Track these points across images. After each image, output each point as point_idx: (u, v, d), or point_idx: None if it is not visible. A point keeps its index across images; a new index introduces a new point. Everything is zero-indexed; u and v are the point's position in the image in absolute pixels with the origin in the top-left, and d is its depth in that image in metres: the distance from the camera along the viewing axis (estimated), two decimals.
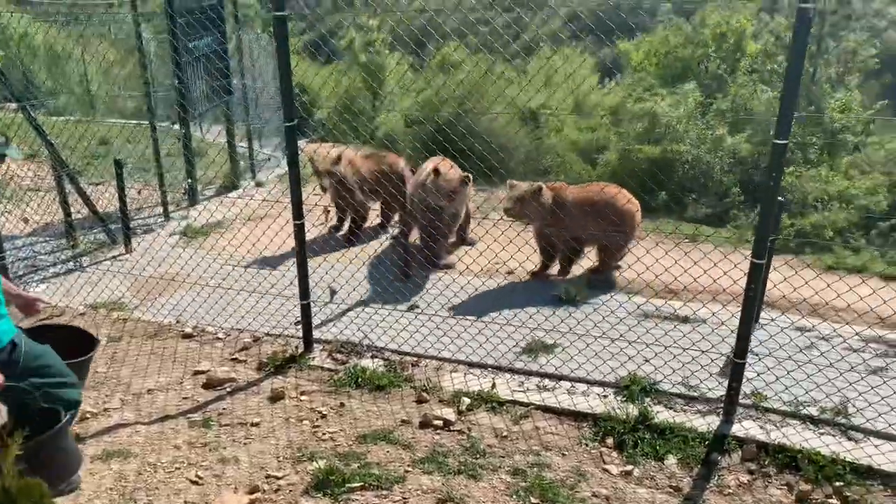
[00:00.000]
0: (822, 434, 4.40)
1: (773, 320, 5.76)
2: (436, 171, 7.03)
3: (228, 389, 5.30)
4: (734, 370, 4.43)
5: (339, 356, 5.68)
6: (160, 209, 9.26)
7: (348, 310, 6.36)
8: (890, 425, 4.34)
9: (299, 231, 5.41)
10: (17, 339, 3.47)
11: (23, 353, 3.42)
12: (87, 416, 4.90)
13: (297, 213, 5.37)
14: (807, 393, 4.74)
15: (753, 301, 4.25)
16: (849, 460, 4.13)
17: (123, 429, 4.71)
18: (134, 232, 8.27)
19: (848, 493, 3.96)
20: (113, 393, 5.27)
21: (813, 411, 4.61)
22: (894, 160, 12.67)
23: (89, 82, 15.00)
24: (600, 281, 6.93)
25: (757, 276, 4.19)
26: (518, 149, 14.83)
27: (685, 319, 5.94)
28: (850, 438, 4.34)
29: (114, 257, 7.82)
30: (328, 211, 8.78)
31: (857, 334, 5.41)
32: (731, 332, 5.61)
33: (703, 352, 5.10)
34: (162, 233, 8.57)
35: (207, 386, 5.36)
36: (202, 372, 5.53)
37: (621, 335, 5.47)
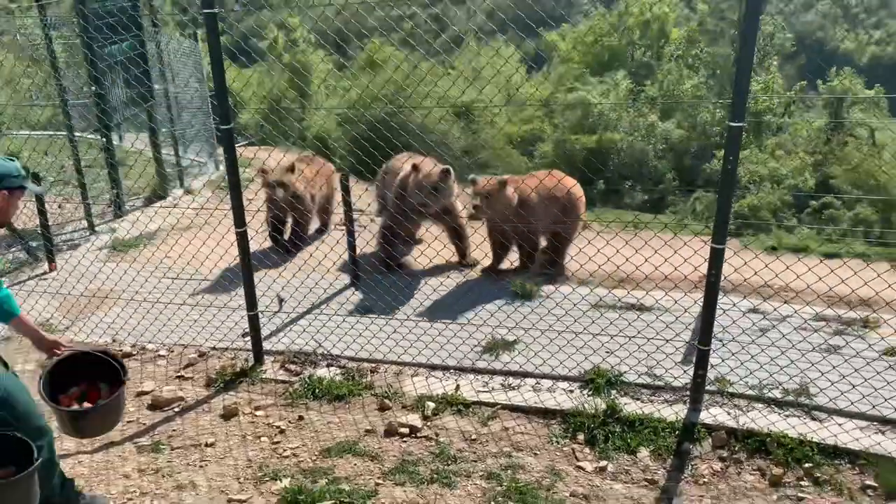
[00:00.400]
0: (787, 416, 4.44)
1: (733, 305, 5.80)
2: (414, 168, 6.75)
3: (177, 409, 4.98)
4: (699, 357, 4.42)
5: (292, 367, 5.43)
6: (84, 223, 8.71)
7: (298, 318, 6.09)
8: (851, 403, 4.41)
9: (242, 239, 5.13)
10: None
11: None
12: None
13: (239, 220, 5.09)
14: (770, 376, 4.78)
15: (716, 287, 4.24)
16: (815, 441, 4.17)
17: (64, 460, 4.34)
18: (58, 248, 7.74)
19: (818, 474, 4.00)
20: (49, 421, 4.85)
21: (777, 394, 4.65)
22: (816, 139, 13.20)
23: None
24: (552, 273, 6.88)
25: (718, 262, 4.18)
26: (454, 144, 14.76)
27: (644, 308, 5.94)
28: (814, 419, 4.40)
29: (37, 276, 7.29)
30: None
31: (816, 315, 5.51)
32: (692, 318, 5.68)
33: (666, 340, 5.10)
34: (88, 247, 8.05)
35: (153, 407, 5.03)
36: (146, 392, 5.19)
37: (584, 328, 5.41)
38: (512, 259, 7.20)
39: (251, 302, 5.29)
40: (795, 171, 11.93)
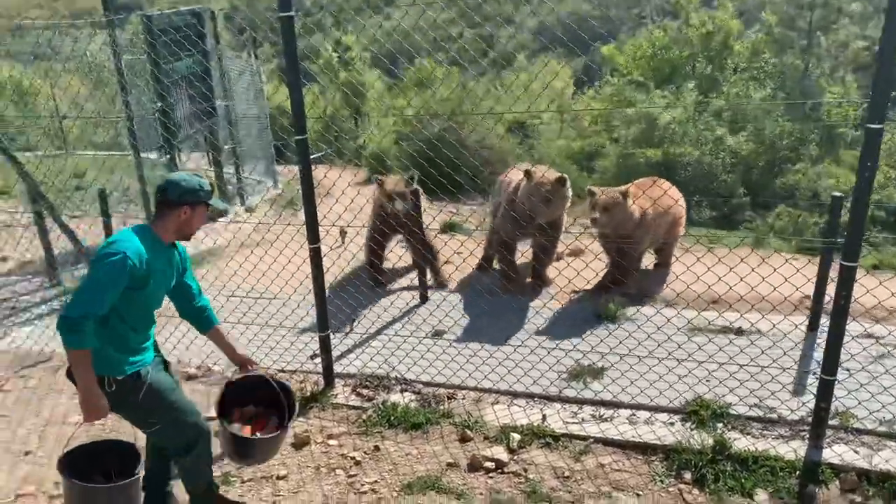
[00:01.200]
0: None
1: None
2: (527, 174, 6.28)
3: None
4: (822, 388, 3.94)
5: (364, 392, 5.12)
6: None
7: (369, 339, 5.80)
8: None
9: (315, 255, 4.87)
10: (143, 371, 3.23)
11: (145, 387, 3.20)
12: None
13: (313, 237, 4.84)
14: (883, 407, 4.27)
15: (845, 310, 3.78)
16: None
17: None
18: None
19: None
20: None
21: None
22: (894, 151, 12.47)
23: (60, 116, 14.34)
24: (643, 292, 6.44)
25: (849, 282, 3.71)
26: (510, 159, 14.43)
27: (740, 331, 5.45)
28: None
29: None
30: (344, 233, 8.12)
31: None
32: (794, 343, 5.18)
33: (777, 371, 4.61)
34: None
35: None
36: (212, 418, 4.92)
37: (678, 355, 4.96)
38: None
39: (323, 322, 5.02)
40: (879, 186, 11.21)
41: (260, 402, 3.70)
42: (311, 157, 4.66)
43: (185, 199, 3.14)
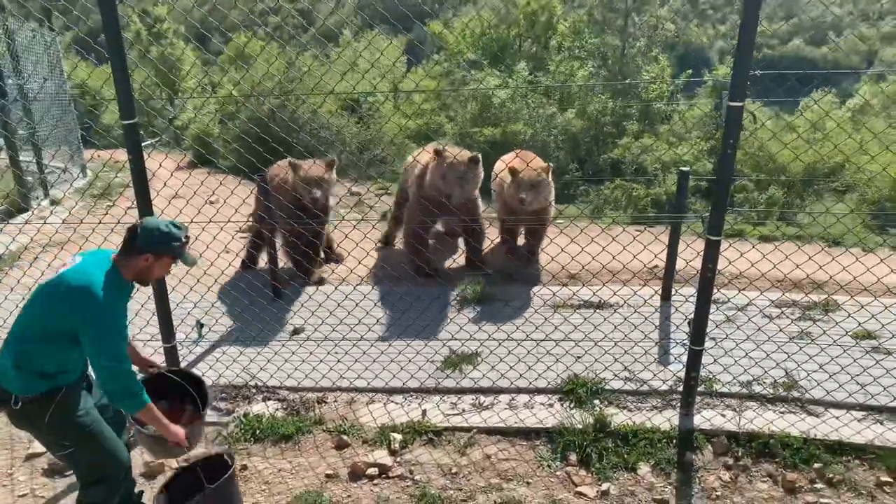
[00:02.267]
0: (783, 413, 4.20)
1: (686, 299, 5.55)
2: (437, 153, 5.97)
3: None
4: (692, 358, 4.08)
5: (222, 405, 4.61)
6: None
7: (220, 345, 5.24)
8: (850, 394, 4.23)
9: None
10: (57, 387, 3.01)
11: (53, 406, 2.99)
12: None
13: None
14: (745, 371, 4.53)
15: (711, 282, 3.90)
16: (819, 438, 3.94)
17: None
18: None
19: (830, 475, 3.76)
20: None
21: (763, 389, 4.41)
22: (707, 125, 13.59)
23: None
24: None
25: (713, 255, 3.83)
26: (348, 139, 14.01)
27: (602, 305, 5.57)
28: (811, 413, 4.18)
29: None
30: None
31: (772, 303, 5.37)
32: (654, 311, 5.39)
33: (625, 335, 4.74)
34: None
35: (51, 472, 4.07)
36: (38, 454, 4.20)
37: (547, 336, 4.95)
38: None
39: (168, 331, 4.43)
40: (695, 158, 12.15)
41: (168, 397, 3.41)
42: (150, 142, 4.03)
43: (151, 248, 2.98)
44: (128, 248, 2.98)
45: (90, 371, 3.14)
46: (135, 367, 3.25)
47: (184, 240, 3.07)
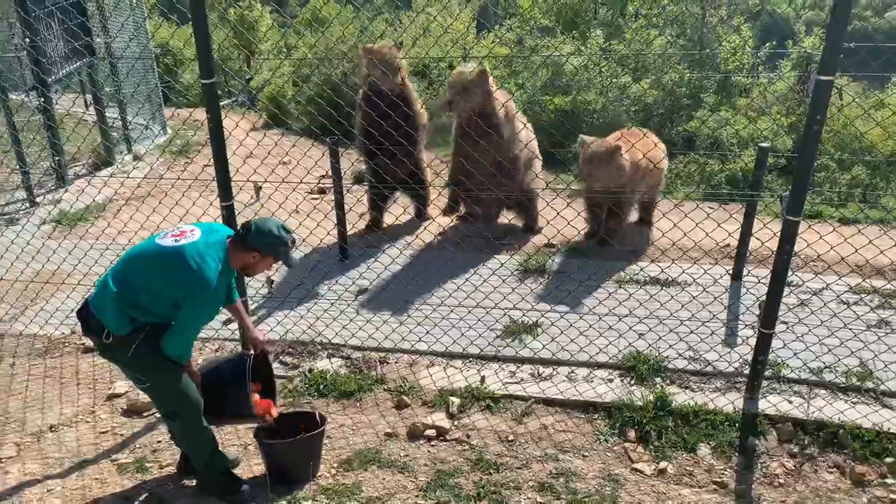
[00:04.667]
0: (855, 403, 4.06)
1: (758, 280, 5.39)
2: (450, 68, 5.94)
3: (157, 415, 4.27)
4: (761, 341, 3.96)
5: (288, 360, 4.77)
6: (23, 194, 7.70)
7: (288, 302, 5.39)
8: None
9: (229, 214, 4.38)
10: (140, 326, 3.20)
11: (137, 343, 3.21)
12: None
13: (225, 193, 4.34)
14: (816, 358, 4.38)
15: (786, 264, 3.77)
16: (893, 432, 3.80)
17: (30, 487, 3.62)
18: None
19: None
20: (3, 436, 4.11)
21: (835, 377, 4.27)
22: (789, 100, 13.00)
23: None
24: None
25: (791, 236, 3.69)
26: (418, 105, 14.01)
27: (671, 282, 5.46)
28: (885, 405, 4.02)
29: None
30: (259, 188, 7.45)
31: (850, 289, 5.15)
32: (725, 291, 5.26)
33: (693, 315, 4.64)
34: (30, 222, 7.08)
35: (130, 412, 4.32)
36: (118, 395, 4.46)
37: (611, 311, 4.90)
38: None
39: (239, 287, 4.58)
40: (773, 133, 11.67)
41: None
42: (230, 101, 4.13)
43: (260, 248, 3.21)
44: (240, 241, 3.22)
45: None
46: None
47: (290, 244, 3.29)
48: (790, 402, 4.08)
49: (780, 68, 14.29)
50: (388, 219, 7.04)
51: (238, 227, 3.29)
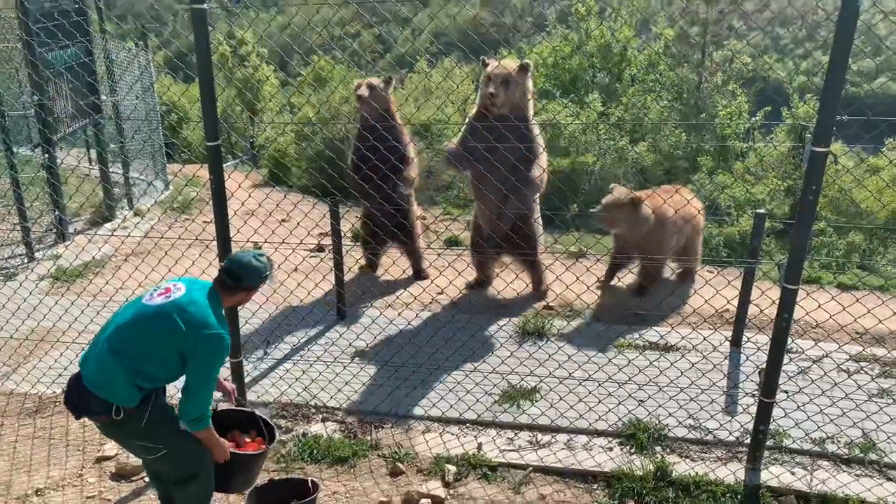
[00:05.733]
0: (859, 476, 3.98)
1: (758, 348, 5.36)
2: (484, 64, 5.89)
3: (146, 479, 4.17)
4: (762, 410, 3.92)
5: (282, 423, 4.69)
6: (22, 248, 7.71)
7: (283, 363, 5.34)
8: None
9: None
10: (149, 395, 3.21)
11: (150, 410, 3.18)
12: None
13: (225, 253, 4.34)
14: (818, 428, 4.31)
15: (786, 332, 3.76)
16: None
17: None
18: None
19: None
20: None
21: (837, 448, 4.19)
22: (785, 164, 13.17)
23: None
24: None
25: (790, 304, 3.69)
26: (419, 164, 14.20)
27: (670, 348, 5.42)
28: (889, 478, 3.94)
29: None
30: (259, 247, 7.48)
31: (850, 357, 5.12)
32: (724, 357, 5.22)
33: (692, 382, 4.59)
34: (27, 276, 7.08)
35: (118, 476, 4.21)
36: (108, 458, 4.36)
37: (611, 377, 4.86)
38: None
39: (235, 348, 4.54)
40: (770, 196, 11.79)
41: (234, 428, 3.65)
42: (235, 161, 4.18)
43: (253, 283, 3.32)
44: (229, 283, 3.27)
45: None
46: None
47: (271, 270, 3.41)
48: (793, 474, 4.00)
49: (775, 134, 14.55)
50: (387, 278, 7.06)
51: (220, 272, 3.30)
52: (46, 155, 7.77)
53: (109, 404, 3.06)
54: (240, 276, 3.25)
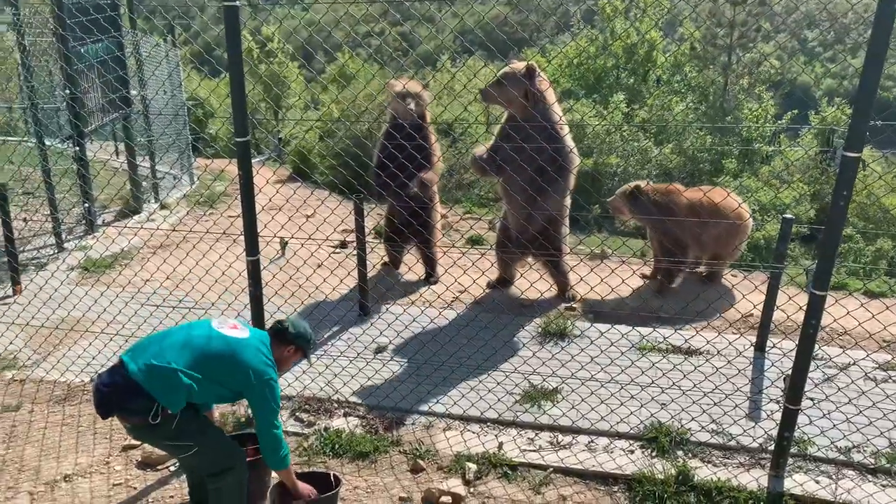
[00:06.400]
0: (885, 486, 3.93)
1: (783, 353, 5.31)
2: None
3: (172, 468, 4.24)
4: (786, 417, 3.88)
5: (304, 416, 4.74)
6: (52, 240, 7.85)
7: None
8: None
9: (254, 268, 4.43)
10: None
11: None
12: None
13: (252, 248, 4.40)
14: (844, 437, 4.27)
15: (812, 339, 3.72)
16: None
17: None
18: (23, 268, 6.89)
19: None
20: (17, 484, 4.09)
21: (863, 457, 4.15)
22: (812, 168, 13.01)
23: None
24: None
25: (818, 310, 3.66)
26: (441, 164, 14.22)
27: (694, 351, 5.39)
28: None
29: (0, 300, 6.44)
30: (285, 243, 7.57)
31: (878, 366, 5.05)
32: (749, 363, 5.19)
33: (716, 387, 4.56)
34: (57, 267, 7.21)
35: (144, 465, 4.29)
36: (134, 446, 4.44)
37: (634, 380, 4.84)
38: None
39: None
40: (795, 201, 11.65)
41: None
42: (263, 158, 4.23)
43: (299, 344, 3.52)
44: (281, 337, 3.49)
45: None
46: None
47: (313, 345, 3.67)
48: (817, 483, 3.97)
49: (802, 137, 14.37)
50: (410, 276, 7.09)
51: (275, 324, 3.53)
52: (77, 147, 7.90)
53: (150, 405, 3.12)
54: (287, 330, 3.47)
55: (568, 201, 6.24)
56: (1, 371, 5.31)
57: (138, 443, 4.42)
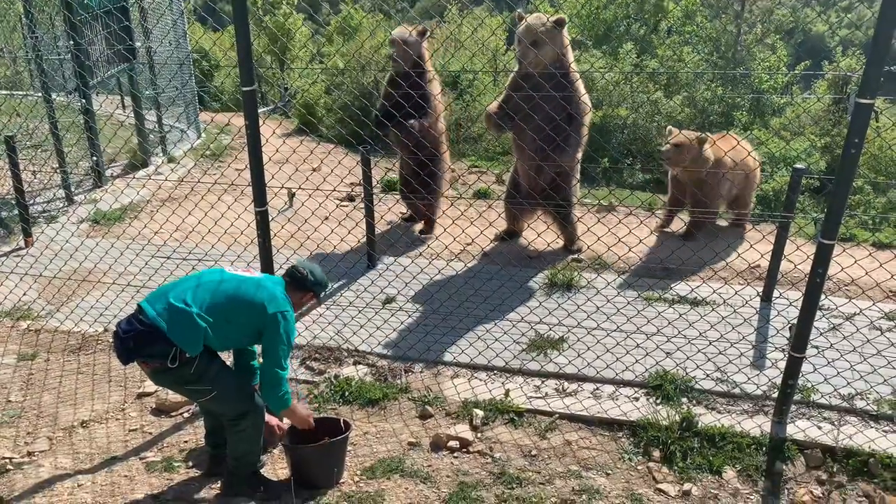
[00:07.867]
0: (887, 432, 3.99)
1: (790, 302, 5.33)
2: (519, 17, 5.82)
3: (186, 415, 4.34)
4: (791, 365, 3.92)
5: (314, 365, 4.82)
6: (61, 193, 7.88)
7: (316, 308, 5.45)
8: None
9: (263, 219, 4.44)
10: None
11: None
12: (7, 464, 3.84)
13: (260, 199, 4.40)
14: (848, 384, 4.31)
15: (819, 288, 3.73)
16: None
17: (60, 482, 3.69)
18: (34, 220, 6.94)
19: None
20: (36, 430, 4.20)
21: (866, 404, 4.20)
22: (824, 120, 12.82)
23: None
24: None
25: (825, 259, 3.66)
26: (447, 116, 14.09)
27: (700, 301, 5.42)
28: None
29: (10, 252, 6.51)
30: (293, 194, 7.57)
31: (884, 315, 5.07)
32: (754, 312, 5.21)
33: (722, 335, 4.60)
34: (67, 220, 7.26)
35: (159, 411, 4.39)
36: (148, 394, 4.54)
37: (639, 328, 4.88)
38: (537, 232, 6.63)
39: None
40: (804, 153, 11.52)
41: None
42: (269, 108, 4.21)
43: (314, 290, 3.61)
44: (298, 283, 3.54)
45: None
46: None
47: (327, 287, 3.75)
48: (819, 428, 4.03)
49: (815, 88, 14.12)
50: (418, 228, 7.11)
51: (290, 269, 3.57)
52: (83, 100, 7.86)
53: (168, 349, 3.16)
54: (305, 277, 3.52)
55: (580, 154, 6.18)
56: (16, 321, 5.39)
57: (153, 390, 4.52)
